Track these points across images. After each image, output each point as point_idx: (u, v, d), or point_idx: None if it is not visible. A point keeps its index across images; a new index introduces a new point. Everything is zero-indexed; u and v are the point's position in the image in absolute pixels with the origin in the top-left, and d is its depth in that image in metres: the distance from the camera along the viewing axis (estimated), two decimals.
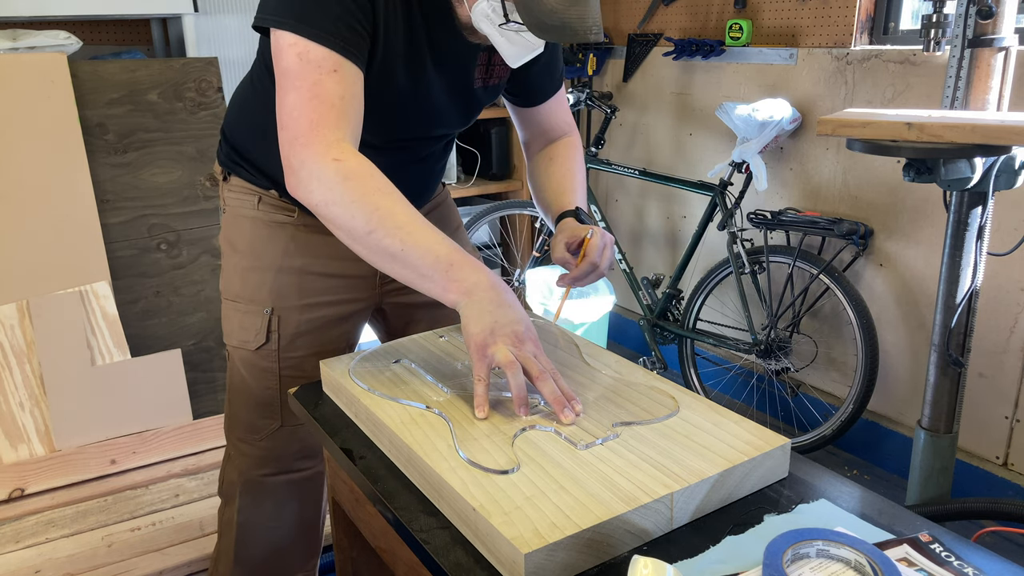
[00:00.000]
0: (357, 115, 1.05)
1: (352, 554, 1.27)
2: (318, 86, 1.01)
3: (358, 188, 1.00)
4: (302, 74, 1.02)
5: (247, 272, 1.32)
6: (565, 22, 0.98)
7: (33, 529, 1.90)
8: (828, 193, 2.52)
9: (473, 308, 0.99)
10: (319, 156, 1.01)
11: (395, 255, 1.00)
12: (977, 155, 1.52)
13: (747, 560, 0.76)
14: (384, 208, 1.00)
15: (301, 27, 1.02)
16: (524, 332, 0.99)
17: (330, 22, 1.02)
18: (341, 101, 1.03)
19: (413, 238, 1.00)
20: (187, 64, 2.46)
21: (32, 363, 2.16)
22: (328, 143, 1.01)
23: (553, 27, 0.99)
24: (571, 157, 1.39)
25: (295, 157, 1.02)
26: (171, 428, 2.23)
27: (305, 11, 1.02)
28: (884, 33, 2.41)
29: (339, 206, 1.01)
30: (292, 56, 1.02)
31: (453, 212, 1.51)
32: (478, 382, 0.98)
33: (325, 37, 1.02)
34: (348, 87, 1.03)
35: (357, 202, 1.00)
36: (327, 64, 1.02)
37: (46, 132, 2.23)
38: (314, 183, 1.01)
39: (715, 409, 0.99)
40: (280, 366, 1.33)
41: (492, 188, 3.51)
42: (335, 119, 1.02)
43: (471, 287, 0.99)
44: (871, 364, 2.33)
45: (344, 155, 1.01)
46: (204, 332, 2.49)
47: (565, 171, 1.37)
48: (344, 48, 1.03)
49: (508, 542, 0.73)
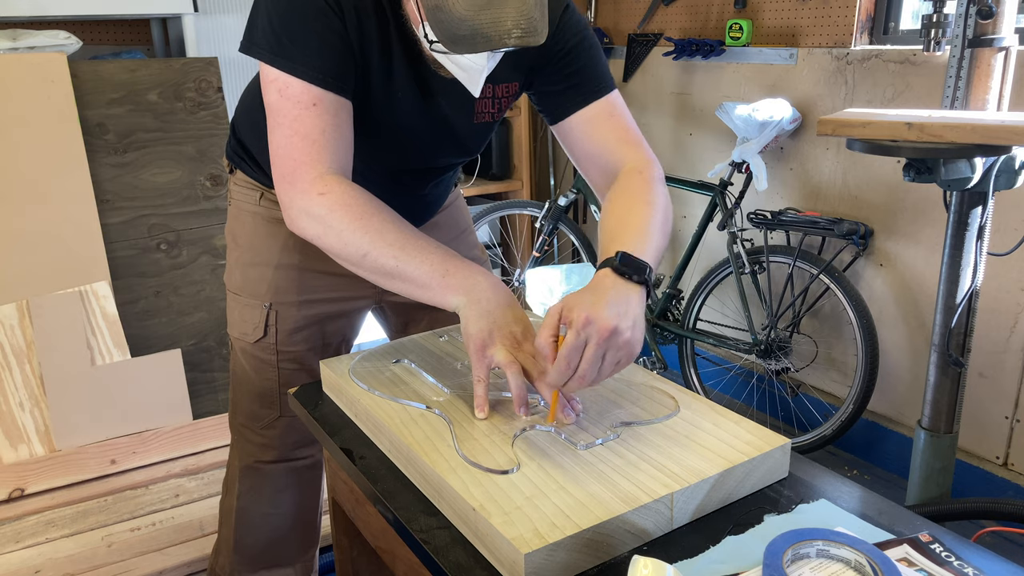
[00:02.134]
0: (341, 145, 1.06)
1: (352, 554, 1.27)
2: (298, 122, 1.03)
3: (346, 216, 1.02)
4: (283, 111, 1.04)
5: (248, 267, 1.34)
6: (476, 30, 0.90)
7: (33, 529, 1.90)
8: (828, 193, 2.52)
9: (472, 309, 0.99)
10: (305, 193, 1.03)
11: (391, 272, 1.02)
12: (977, 155, 1.52)
13: (747, 560, 0.76)
14: (374, 230, 1.02)
15: (279, 61, 1.03)
16: (523, 333, 0.99)
17: (307, 55, 1.02)
18: (322, 136, 1.04)
19: (406, 252, 1.01)
20: (187, 64, 2.46)
21: (32, 363, 2.16)
22: (311, 179, 1.03)
23: (463, 37, 0.91)
24: (635, 189, 1.11)
25: (284, 195, 1.05)
26: (171, 428, 2.23)
27: (282, 45, 1.03)
28: (884, 33, 2.41)
29: (331, 236, 1.03)
30: (274, 92, 1.04)
31: (462, 214, 1.51)
32: (478, 383, 0.98)
33: (302, 71, 1.02)
34: (329, 119, 1.04)
35: (347, 230, 1.02)
36: (306, 98, 1.03)
37: (46, 132, 2.23)
38: (304, 219, 1.04)
39: (715, 409, 0.99)
40: (278, 359, 1.35)
41: (492, 188, 3.51)
42: (317, 154, 1.03)
43: (469, 288, 0.99)
44: (871, 364, 2.33)
45: (328, 188, 1.03)
46: (204, 332, 2.49)
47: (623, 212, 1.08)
48: (323, 80, 1.03)
49: (508, 542, 0.73)
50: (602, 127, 1.19)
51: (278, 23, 1.03)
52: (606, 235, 1.06)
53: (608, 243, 1.03)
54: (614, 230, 1.05)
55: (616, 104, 1.21)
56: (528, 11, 0.90)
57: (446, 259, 1.01)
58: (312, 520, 1.52)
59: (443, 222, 1.44)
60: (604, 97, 1.19)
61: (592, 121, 1.19)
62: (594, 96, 1.19)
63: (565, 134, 1.22)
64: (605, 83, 1.21)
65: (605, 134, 1.19)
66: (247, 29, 1.07)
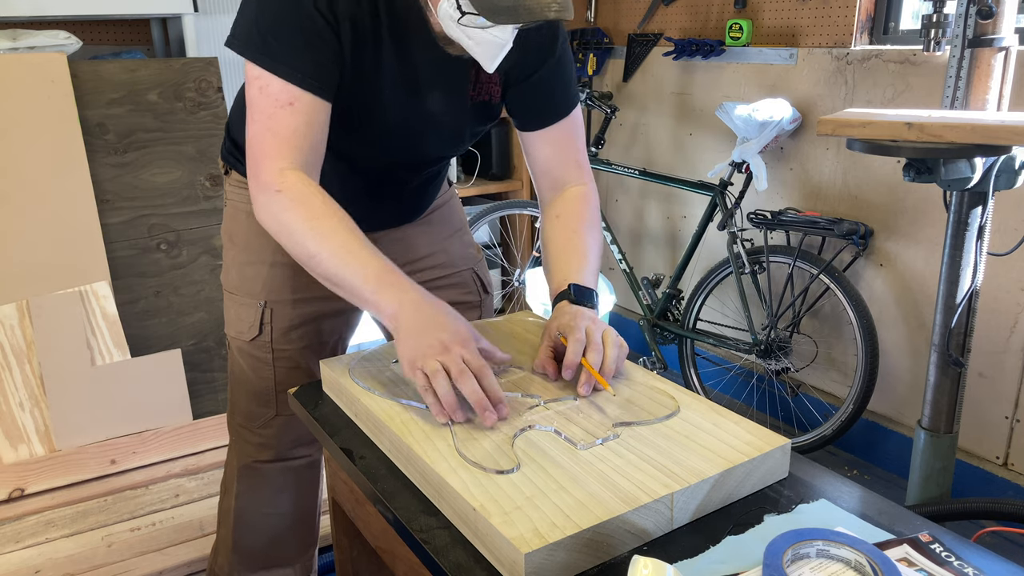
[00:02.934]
0: (312, 144, 1.08)
1: (352, 554, 1.27)
2: (272, 119, 1.05)
3: (299, 215, 1.04)
4: (260, 107, 1.06)
5: (243, 266, 1.35)
6: (519, 1, 0.92)
7: (33, 529, 1.90)
8: (828, 193, 2.52)
9: (400, 333, 1.00)
10: (265, 188, 1.05)
11: (333, 279, 1.04)
12: (977, 155, 1.52)
13: (747, 560, 0.76)
14: (323, 233, 1.03)
15: (262, 59, 1.05)
16: (450, 339, 0.99)
17: (289, 55, 1.04)
18: (293, 134, 1.05)
19: (345, 262, 1.02)
20: (187, 64, 2.45)
21: (32, 363, 2.16)
22: (272, 173, 1.05)
23: (506, 8, 0.93)
24: (579, 214, 1.25)
25: (251, 189, 1.08)
26: (171, 428, 2.23)
27: (266, 43, 1.04)
28: (884, 33, 2.41)
29: (284, 235, 1.06)
30: (255, 88, 1.06)
31: (455, 213, 1.51)
32: (424, 392, 0.97)
33: (283, 70, 1.04)
34: (303, 119, 1.06)
35: (298, 230, 1.04)
36: (283, 97, 1.05)
37: (46, 132, 2.23)
38: (263, 214, 1.07)
39: (715, 409, 0.99)
40: (274, 357, 1.35)
41: (492, 188, 3.51)
42: (283, 151, 1.05)
43: (396, 311, 1.01)
44: (871, 364, 2.33)
45: (286, 184, 1.04)
46: (204, 332, 2.49)
47: (570, 234, 1.22)
48: (302, 80, 1.05)
49: (508, 542, 0.74)
50: (563, 148, 1.28)
51: (264, 21, 1.04)
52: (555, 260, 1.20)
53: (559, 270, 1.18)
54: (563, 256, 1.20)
55: (577, 125, 1.30)
56: None
57: (381, 274, 1.03)
58: (311, 520, 1.52)
59: (437, 220, 1.45)
60: (569, 116, 1.27)
61: (555, 141, 1.27)
62: (561, 115, 1.27)
63: (528, 141, 1.29)
64: (573, 100, 1.28)
65: (564, 153, 1.28)
66: (234, 24, 1.09)
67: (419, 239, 1.42)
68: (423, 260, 1.42)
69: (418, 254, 1.41)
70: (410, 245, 1.41)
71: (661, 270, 3.19)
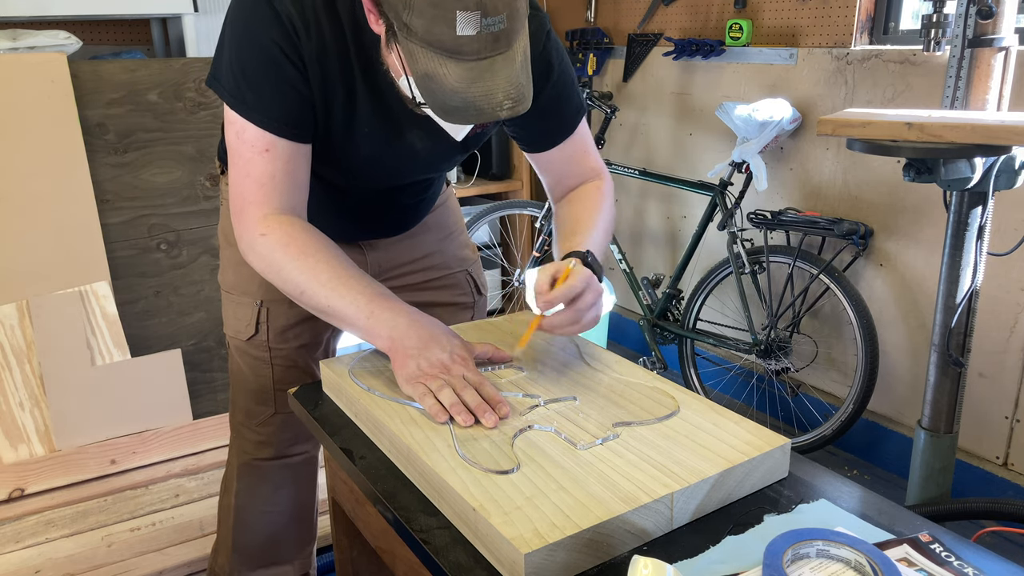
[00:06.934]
0: (291, 188, 1.10)
1: (352, 554, 1.27)
2: (250, 164, 1.07)
3: (284, 256, 1.07)
4: (238, 151, 1.08)
5: (239, 265, 1.35)
6: (468, 102, 0.90)
7: (33, 529, 1.90)
8: (828, 193, 2.52)
9: (398, 356, 1.03)
10: (249, 232, 1.09)
11: (324, 312, 1.07)
12: (977, 155, 1.52)
13: (747, 560, 0.76)
14: (309, 269, 1.06)
15: (237, 104, 1.06)
16: (449, 358, 1.02)
17: (263, 103, 1.05)
18: (271, 180, 1.08)
19: (336, 293, 1.05)
20: (187, 64, 2.45)
21: (32, 363, 2.16)
22: (255, 220, 1.08)
23: (456, 108, 0.91)
24: (592, 198, 1.25)
25: (235, 232, 1.11)
26: (171, 428, 2.23)
27: (240, 90, 1.05)
28: (884, 33, 2.41)
29: (272, 273, 1.09)
30: (232, 133, 1.08)
31: (452, 215, 1.51)
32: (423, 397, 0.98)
33: (257, 118, 1.05)
34: (280, 165, 1.07)
35: (284, 270, 1.07)
36: (259, 144, 1.06)
37: (46, 132, 2.23)
38: (251, 255, 1.10)
39: (715, 409, 0.99)
40: (271, 356, 1.36)
41: (492, 188, 3.50)
42: (264, 197, 1.08)
43: (390, 331, 1.04)
44: (871, 364, 2.33)
45: (270, 229, 1.07)
46: (204, 332, 2.49)
47: (581, 210, 1.23)
48: (277, 128, 1.06)
49: (508, 542, 0.73)
50: (575, 159, 1.28)
51: (238, 68, 1.05)
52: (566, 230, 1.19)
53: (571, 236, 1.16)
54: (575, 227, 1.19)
55: (586, 139, 1.28)
56: (516, 79, 0.91)
57: (372, 300, 1.05)
58: (309, 517, 1.53)
59: (432, 223, 1.45)
60: (575, 131, 1.25)
61: (566, 160, 1.27)
62: (567, 133, 1.25)
63: (537, 161, 1.29)
64: (578, 116, 1.26)
65: (577, 164, 1.28)
66: (213, 61, 1.10)
67: (414, 241, 1.42)
68: (418, 261, 1.42)
69: (413, 255, 1.42)
70: (405, 247, 1.41)
71: (661, 270, 3.19)
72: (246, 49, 1.04)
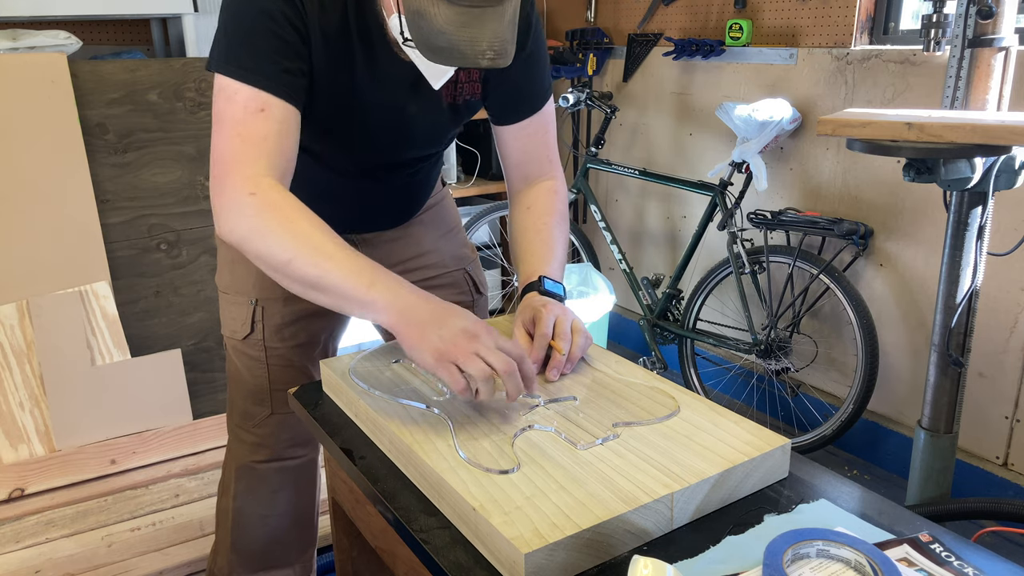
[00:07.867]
0: (284, 151, 1.04)
1: (352, 554, 1.27)
2: (241, 125, 1.02)
3: (274, 219, 0.99)
4: (228, 115, 1.02)
5: (234, 264, 1.35)
6: (453, 44, 0.92)
7: (33, 529, 1.90)
8: (828, 193, 2.52)
9: (410, 327, 0.95)
10: (236, 190, 1.00)
11: (315, 282, 0.98)
12: (977, 155, 1.52)
13: (747, 560, 0.76)
14: (302, 236, 0.98)
15: (229, 68, 1.03)
16: (473, 327, 0.95)
17: (257, 61, 1.02)
18: (264, 140, 1.02)
19: (332, 262, 0.97)
20: (187, 64, 2.45)
21: (32, 363, 2.16)
22: (245, 178, 1.00)
23: (440, 48, 0.93)
24: (549, 207, 1.28)
25: (216, 196, 1.02)
26: (171, 428, 2.23)
27: (232, 52, 1.03)
28: (884, 33, 2.41)
29: (257, 238, 0.99)
30: (222, 99, 1.03)
31: (449, 213, 1.51)
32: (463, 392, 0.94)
33: (251, 77, 1.02)
34: (274, 125, 1.03)
35: (274, 232, 0.98)
36: (253, 104, 1.02)
37: (46, 132, 2.23)
38: (233, 218, 1.00)
39: (715, 409, 0.99)
40: (267, 356, 1.36)
41: (492, 188, 3.50)
42: (255, 156, 1.01)
43: (403, 308, 0.96)
44: (871, 364, 2.33)
45: (260, 188, 1.00)
46: (204, 332, 2.49)
47: (540, 226, 1.26)
48: (271, 86, 1.02)
49: (508, 542, 0.74)
50: (535, 141, 1.30)
51: (232, 31, 1.04)
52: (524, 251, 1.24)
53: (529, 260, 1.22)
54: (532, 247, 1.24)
55: (549, 118, 1.31)
56: (502, 34, 0.94)
57: (374, 270, 0.99)
58: (309, 520, 1.52)
59: (429, 220, 1.45)
60: (541, 110, 1.29)
61: (529, 136, 1.29)
62: (536, 108, 1.28)
63: (501, 136, 1.31)
64: (546, 94, 1.30)
65: (537, 148, 1.31)
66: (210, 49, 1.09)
67: (410, 239, 1.42)
68: (414, 260, 1.42)
69: (409, 254, 1.42)
70: (401, 245, 1.41)
71: (661, 270, 3.19)
72: (246, 16, 1.03)
